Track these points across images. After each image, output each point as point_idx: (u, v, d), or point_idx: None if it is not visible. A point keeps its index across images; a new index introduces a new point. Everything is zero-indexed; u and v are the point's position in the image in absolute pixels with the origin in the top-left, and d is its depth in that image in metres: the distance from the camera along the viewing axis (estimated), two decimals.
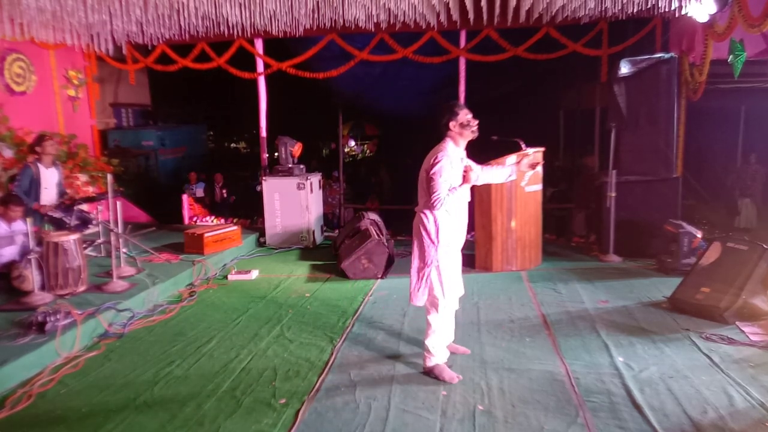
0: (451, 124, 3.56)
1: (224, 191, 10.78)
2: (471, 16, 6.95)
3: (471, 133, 3.60)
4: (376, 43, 7.71)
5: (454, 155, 3.57)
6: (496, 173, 3.87)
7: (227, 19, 6.71)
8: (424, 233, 3.59)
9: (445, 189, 3.48)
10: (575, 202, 8.37)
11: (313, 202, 7.59)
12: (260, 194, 7.77)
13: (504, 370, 3.67)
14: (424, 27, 7.27)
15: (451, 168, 3.52)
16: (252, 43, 8.04)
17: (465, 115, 3.57)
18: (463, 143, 3.65)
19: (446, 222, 3.58)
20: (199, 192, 10.77)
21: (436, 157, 3.51)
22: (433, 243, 3.56)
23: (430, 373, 3.62)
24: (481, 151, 6.40)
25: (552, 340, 4.16)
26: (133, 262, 5.99)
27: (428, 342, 3.64)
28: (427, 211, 3.57)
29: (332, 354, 4.00)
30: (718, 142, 10.23)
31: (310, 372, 3.71)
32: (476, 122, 3.59)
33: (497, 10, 6.79)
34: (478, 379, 3.55)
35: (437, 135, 3.70)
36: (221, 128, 17.86)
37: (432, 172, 3.49)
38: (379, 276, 5.94)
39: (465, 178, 3.61)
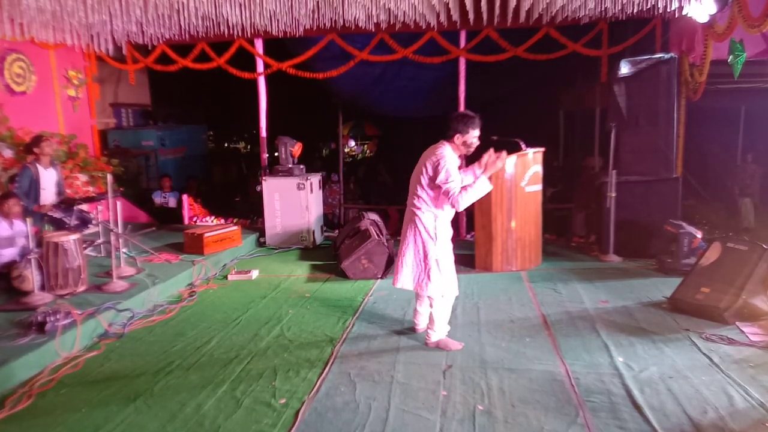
0: (457, 137, 3.81)
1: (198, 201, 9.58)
2: (471, 16, 6.93)
3: (465, 152, 3.92)
4: (376, 43, 7.70)
5: (452, 158, 3.82)
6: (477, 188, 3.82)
7: (227, 19, 6.70)
8: (423, 229, 3.87)
9: (458, 187, 3.69)
10: (575, 202, 8.36)
11: (313, 202, 7.59)
12: (259, 194, 7.75)
13: (504, 370, 3.68)
14: (424, 27, 7.26)
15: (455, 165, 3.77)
16: (252, 43, 8.04)
17: (473, 135, 3.83)
18: (457, 154, 3.91)
19: (443, 219, 3.89)
20: (172, 202, 9.28)
21: (440, 158, 3.73)
22: (432, 239, 3.87)
23: (437, 347, 4.00)
24: (481, 151, 6.41)
25: (552, 340, 4.16)
26: (133, 262, 5.99)
27: (435, 322, 4.00)
28: (430, 209, 3.83)
29: (332, 354, 4.00)
30: (717, 142, 10.22)
31: (310, 372, 3.71)
32: (475, 146, 3.90)
33: (497, 11, 6.77)
34: (478, 379, 3.55)
35: (437, 135, 3.90)
36: (221, 128, 17.83)
37: (440, 168, 3.69)
38: (379, 276, 5.94)
39: (485, 168, 3.84)
